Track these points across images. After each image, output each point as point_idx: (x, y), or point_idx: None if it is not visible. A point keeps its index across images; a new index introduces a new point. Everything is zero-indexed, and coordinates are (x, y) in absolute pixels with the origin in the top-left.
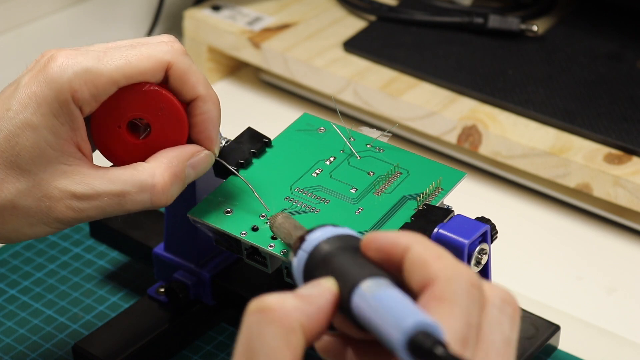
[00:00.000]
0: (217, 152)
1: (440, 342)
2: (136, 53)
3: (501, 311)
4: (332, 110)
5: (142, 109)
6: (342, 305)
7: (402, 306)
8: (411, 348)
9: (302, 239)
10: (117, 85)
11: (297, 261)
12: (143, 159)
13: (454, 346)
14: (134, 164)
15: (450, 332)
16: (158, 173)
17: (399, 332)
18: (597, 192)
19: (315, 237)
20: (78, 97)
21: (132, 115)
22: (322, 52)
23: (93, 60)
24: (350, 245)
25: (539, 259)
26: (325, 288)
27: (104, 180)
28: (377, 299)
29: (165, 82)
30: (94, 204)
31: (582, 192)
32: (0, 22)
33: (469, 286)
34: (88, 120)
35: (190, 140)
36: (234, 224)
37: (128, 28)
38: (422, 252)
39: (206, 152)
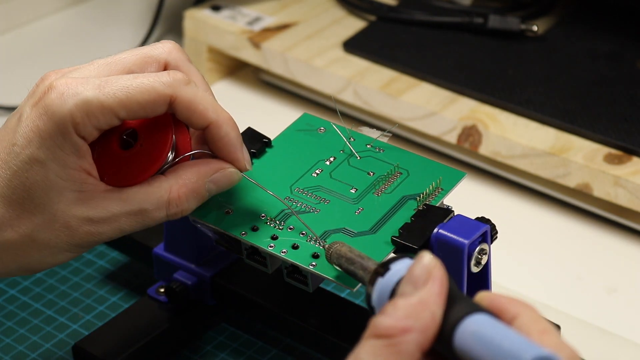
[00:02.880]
0: (249, 167)
1: None
2: (137, 85)
3: None
4: (332, 110)
5: (134, 123)
6: (441, 336)
7: (518, 340)
8: None
9: (385, 268)
10: (118, 117)
11: (381, 289)
12: (132, 170)
13: None
14: (150, 180)
15: None
16: (174, 189)
17: None
18: (597, 192)
19: (403, 267)
20: (80, 129)
21: (124, 129)
22: (322, 52)
23: (93, 91)
24: (450, 278)
25: (539, 259)
26: (435, 315)
27: (119, 202)
28: (487, 331)
29: (172, 112)
30: (113, 225)
31: (582, 192)
32: (0, 22)
33: None
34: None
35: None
36: (234, 224)
37: (128, 28)
38: (527, 324)
39: (232, 169)
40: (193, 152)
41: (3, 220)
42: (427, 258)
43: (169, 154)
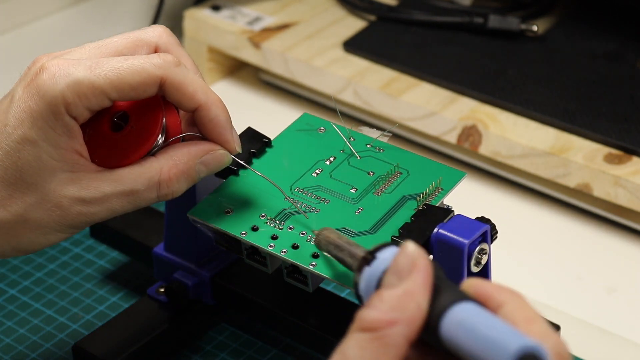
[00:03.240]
0: (238, 149)
1: None
2: (128, 66)
3: None
4: (332, 110)
5: (124, 105)
6: (428, 326)
7: (504, 329)
8: None
9: (373, 256)
10: (109, 98)
11: (368, 277)
12: (123, 152)
13: None
14: (141, 161)
15: None
16: (165, 170)
17: (505, 356)
18: (597, 192)
19: (389, 255)
20: (71, 109)
21: (114, 111)
22: (322, 52)
23: (84, 71)
24: (438, 268)
25: (539, 259)
26: (421, 306)
27: (111, 182)
28: (472, 320)
29: (162, 94)
30: (105, 206)
31: (582, 192)
32: (0, 22)
33: (556, 357)
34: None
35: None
36: (234, 224)
37: (128, 28)
38: (513, 312)
39: (221, 151)
40: (183, 134)
41: None
42: (410, 248)
43: (159, 136)
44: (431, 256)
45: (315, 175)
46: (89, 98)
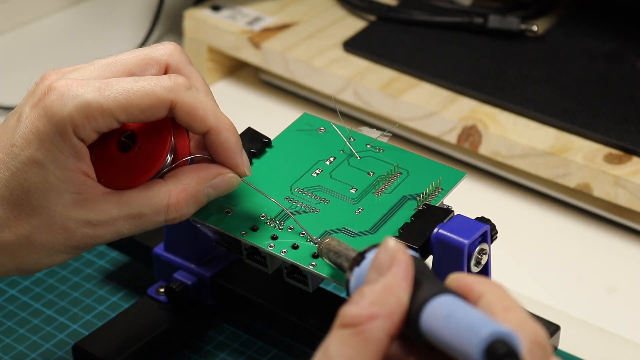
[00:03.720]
0: (248, 172)
1: (514, 353)
2: (138, 88)
3: None
4: (332, 110)
5: (133, 125)
6: (409, 320)
7: (478, 317)
8: (488, 356)
9: (362, 256)
10: (118, 120)
11: (357, 277)
12: (130, 173)
13: None
14: (149, 184)
15: None
16: (174, 194)
17: (476, 341)
18: (597, 192)
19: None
20: (79, 131)
21: (122, 131)
22: (322, 52)
23: (93, 93)
24: (421, 262)
25: (539, 259)
26: (401, 300)
27: (118, 205)
28: (449, 311)
29: (171, 116)
30: (111, 228)
31: (582, 192)
32: (0, 22)
33: (532, 345)
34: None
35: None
36: (234, 224)
37: (128, 28)
38: (492, 301)
39: (231, 174)
40: (192, 156)
41: (1, 221)
42: (390, 243)
43: (168, 157)
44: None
45: (315, 175)
46: (97, 120)
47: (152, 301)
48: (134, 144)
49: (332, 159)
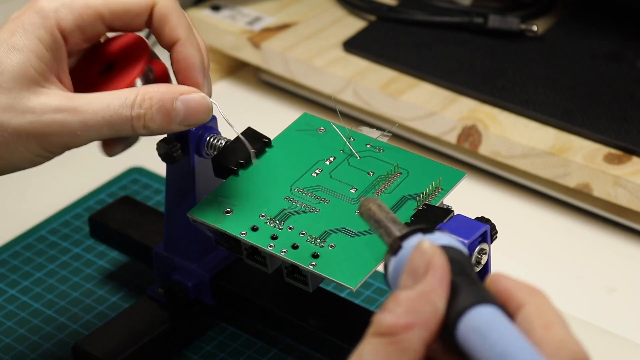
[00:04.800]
0: (209, 96)
1: None
2: None
3: None
4: (332, 110)
5: (116, 54)
6: (445, 327)
7: (513, 343)
8: None
9: (400, 245)
10: (102, 19)
11: (394, 268)
12: (103, 89)
13: None
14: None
15: None
16: (142, 92)
17: None
18: (597, 192)
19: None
20: (63, 26)
21: (107, 60)
22: (322, 52)
23: None
24: (462, 260)
25: (539, 259)
26: (437, 308)
27: (87, 97)
28: (486, 330)
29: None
30: (79, 117)
31: (582, 192)
32: (0, 22)
33: None
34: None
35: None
36: (234, 224)
37: None
38: (532, 315)
39: (202, 94)
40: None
41: None
42: (425, 246)
43: (140, 77)
44: (453, 242)
45: (315, 175)
46: (82, 16)
47: (152, 301)
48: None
49: (332, 159)
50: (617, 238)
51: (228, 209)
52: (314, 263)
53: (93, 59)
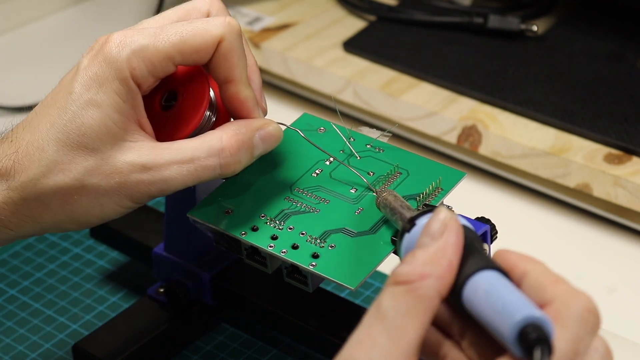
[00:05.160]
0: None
1: (546, 339)
2: (191, 29)
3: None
4: (332, 110)
5: (175, 82)
6: (454, 289)
7: (514, 298)
8: (520, 340)
9: (413, 223)
10: (173, 61)
11: (407, 243)
12: (172, 130)
13: None
14: (201, 134)
15: (556, 354)
16: (225, 138)
17: (510, 324)
18: (597, 192)
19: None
20: (137, 74)
21: (163, 92)
22: (322, 52)
23: (149, 38)
24: (472, 235)
25: (539, 259)
26: (452, 263)
27: (171, 151)
28: (489, 287)
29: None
30: (165, 174)
31: (582, 192)
32: (0, 22)
33: (585, 312)
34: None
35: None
36: (234, 224)
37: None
38: (539, 277)
39: (275, 125)
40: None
41: (55, 164)
42: (443, 213)
43: (207, 112)
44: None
45: (315, 175)
46: (153, 63)
47: (152, 301)
48: (175, 103)
49: (332, 159)
50: (617, 238)
51: (228, 209)
52: (314, 263)
53: (154, 90)
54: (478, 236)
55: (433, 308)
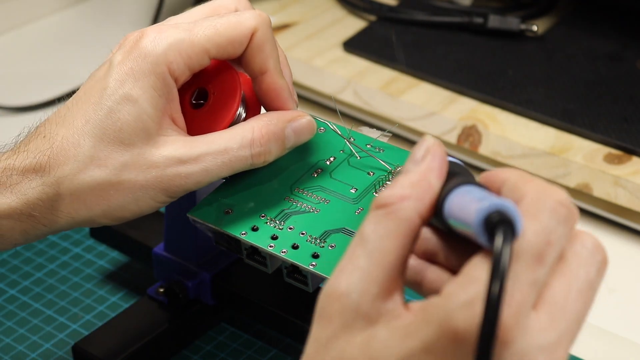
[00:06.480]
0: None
1: (509, 220)
2: (225, 21)
3: (592, 254)
4: (332, 110)
5: (205, 79)
6: (438, 210)
7: (484, 194)
8: (485, 227)
9: None
10: (209, 54)
11: None
12: (206, 127)
13: (525, 259)
14: (233, 126)
15: (523, 244)
16: (257, 128)
17: (476, 212)
18: (597, 192)
19: None
20: (173, 68)
21: (197, 87)
22: (322, 52)
23: (184, 32)
24: (462, 169)
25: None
26: (432, 185)
27: (204, 143)
28: (464, 193)
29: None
30: (200, 166)
31: (582, 192)
32: (0, 22)
33: (556, 204)
34: None
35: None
36: (234, 224)
37: (128, 28)
38: (515, 179)
39: (308, 117)
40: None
41: (92, 159)
42: (428, 139)
43: (240, 107)
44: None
45: (315, 175)
46: (190, 56)
47: (152, 301)
48: (205, 102)
49: (332, 159)
50: (617, 238)
51: (228, 209)
52: (314, 263)
53: (184, 86)
54: (468, 170)
55: (413, 229)
